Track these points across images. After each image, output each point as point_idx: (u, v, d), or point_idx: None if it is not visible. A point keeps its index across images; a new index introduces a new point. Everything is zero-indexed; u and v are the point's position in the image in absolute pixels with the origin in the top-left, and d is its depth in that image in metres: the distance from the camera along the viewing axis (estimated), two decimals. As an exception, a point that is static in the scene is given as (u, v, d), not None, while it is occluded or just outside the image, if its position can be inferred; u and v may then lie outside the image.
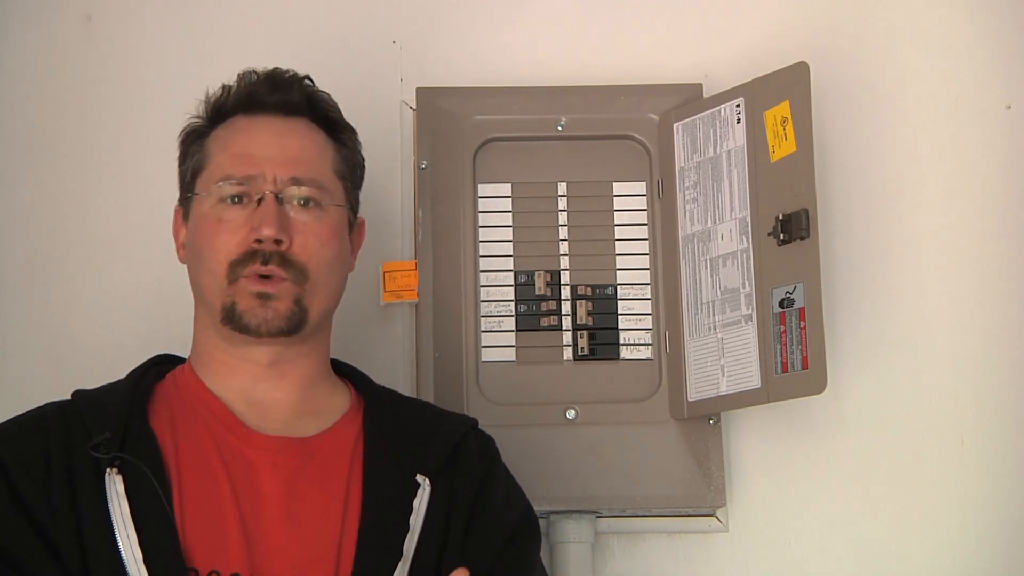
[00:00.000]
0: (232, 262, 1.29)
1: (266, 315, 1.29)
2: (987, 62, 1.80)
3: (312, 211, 1.32)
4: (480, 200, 1.69)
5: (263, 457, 1.27)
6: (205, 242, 1.31)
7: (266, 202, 1.30)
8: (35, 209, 1.74)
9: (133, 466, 1.21)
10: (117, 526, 1.18)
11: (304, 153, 1.34)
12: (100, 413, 1.26)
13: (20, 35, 1.77)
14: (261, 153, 1.33)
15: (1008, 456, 1.71)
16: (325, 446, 1.31)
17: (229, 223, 1.30)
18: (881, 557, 1.68)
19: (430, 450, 1.32)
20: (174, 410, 1.30)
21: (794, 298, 1.54)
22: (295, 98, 1.37)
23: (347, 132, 1.42)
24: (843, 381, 1.69)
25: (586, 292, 1.68)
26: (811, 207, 1.54)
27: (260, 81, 1.37)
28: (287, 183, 1.32)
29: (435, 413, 1.42)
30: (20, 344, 1.70)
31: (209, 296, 1.31)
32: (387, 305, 1.67)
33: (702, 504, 1.64)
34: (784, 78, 1.59)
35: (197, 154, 1.37)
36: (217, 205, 1.32)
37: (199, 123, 1.39)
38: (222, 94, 1.39)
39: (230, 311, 1.29)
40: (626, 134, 1.72)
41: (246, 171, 1.32)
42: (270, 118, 1.36)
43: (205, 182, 1.34)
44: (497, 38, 1.80)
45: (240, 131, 1.35)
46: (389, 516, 1.26)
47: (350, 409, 1.36)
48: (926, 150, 1.78)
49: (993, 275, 1.75)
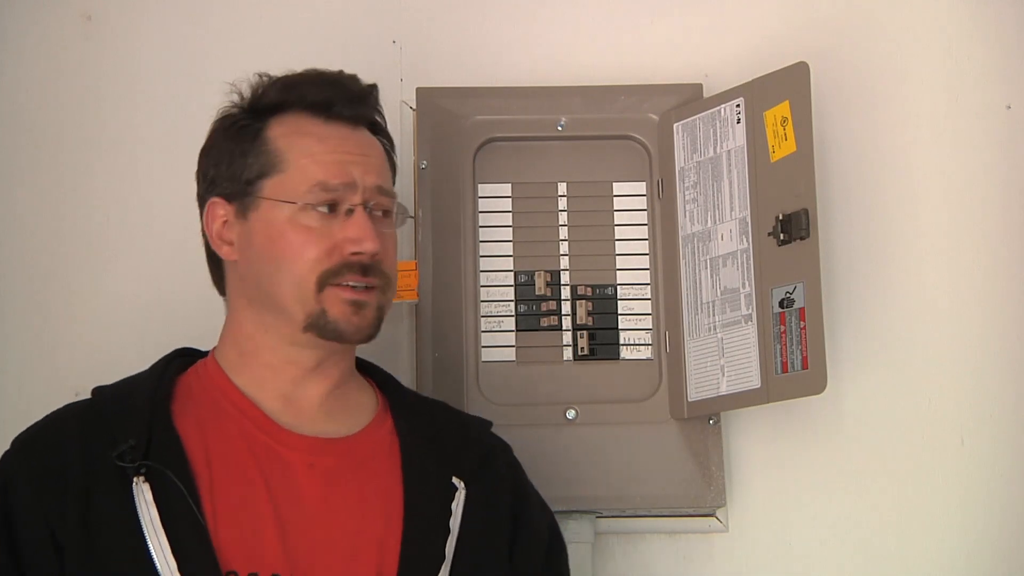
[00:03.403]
0: (325, 271, 1.28)
1: (360, 323, 1.29)
2: (987, 62, 1.80)
3: (390, 221, 1.35)
4: (480, 200, 1.69)
5: (299, 457, 1.27)
6: (291, 250, 1.29)
7: (361, 215, 1.30)
8: (34, 208, 1.74)
9: (159, 472, 1.20)
10: (148, 535, 1.18)
11: (382, 164, 1.36)
12: (123, 416, 1.24)
13: (20, 35, 1.77)
14: (349, 162, 1.31)
15: (1008, 456, 1.71)
16: (361, 446, 1.31)
17: (317, 231, 1.29)
18: (881, 557, 1.68)
19: (464, 453, 1.34)
20: (200, 408, 1.29)
21: (794, 298, 1.54)
22: (371, 115, 1.37)
23: (391, 141, 1.43)
24: (843, 381, 1.69)
25: (586, 292, 1.68)
26: (811, 207, 1.54)
27: (333, 86, 1.35)
28: (374, 193, 1.32)
29: (456, 415, 1.43)
30: (19, 344, 1.70)
31: (288, 303, 1.29)
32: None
33: (702, 504, 1.64)
34: (784, 78, 1.59)
35: (259, 154, 1.32)
36: (304, 212, 1.29)
37: (241, 115, 1.35)
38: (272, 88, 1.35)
39: (320, 319, 1.28)
40: (626, 134, 1.72)
41: (341, 180, 1.30)
42: (344, 126, 1.34)
43: (284, 186, 1.30)
44: (497, 38, 1.80)
45: (320, 138, 1.32)
46: (430, 519, 1.27)
47: (379, 410, 1.36)
48: (926, 150, 1.78)
49: (993, 275, 1.75)
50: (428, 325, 1.64)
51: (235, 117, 1.35)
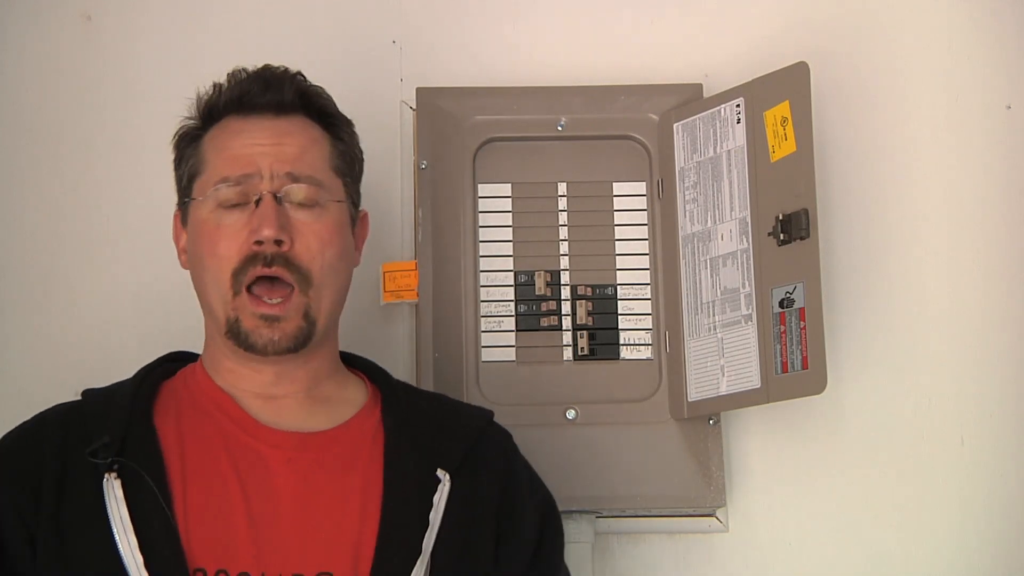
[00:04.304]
0: (234, 270, 1.27)
1: (272, 336, 1.27)
2: (987, 62, 1.80)
3: (312, 210, 1.30)
4: (480, 200, 1.69)
5: (276, 453, 1.26)
6: (206, 249, 1.29)
7: (264, 202, 1.27)
8: (34, 208, 1.74)
9: (132, 470, 1.20)
10: (117, 531, 1.18)
11: (300, 150, 1.32)
12: (102, 416, 1.25)
13: (20, 35, 1.77)
14: (256, 153, 1.30)
15: (1008, 456, 1.71)
16: (342, 440, 1.29)
17: (228, 228, 1.28)
18: (881, 557, 1.68)
19: (450, 445, 1.30)
20: (181, 408, 1.29)
21: (794, 298, 1.54)
22: (288, 96, 1.34)
23: (343, 125, 1.39)
24: (843, 381, 1.69)
25: (586, 292, 1.68)
26: (811, 207, 1.54)
27: (251, 80, 1.34)
28: (285, 181, 1.29)
29: (452, 406, 1.40)
30: (19, 345, 1.70)
31: (213, 306, 1.30)
32: (387, 305, 1.67)
33: (702, 504, 1.64)
34: (784, 78, 1.59)
35: (192, 158, 1.35)
36: (216, 210, 1.29)
37: (192, 124, 1.37)
38: (213, 94, 1.36)
39: (234, 327, 1.28)
40: (626, 134, 1.72)
41: (242, 171, 1.29)
42: (264, 118, 1.33)
43: (202, 186, 1.32)
44: (497, 38, 1.79)
45: (234, 133, 1.33)
46: (409, 512, 1.25)
47: (367, 403, 1.35)
48: (926, 150, 1.78)
49: (993, 275, 1.75)
50: (428, 325, 1.64)
51: (185, 127, 1.38)
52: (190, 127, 1.37)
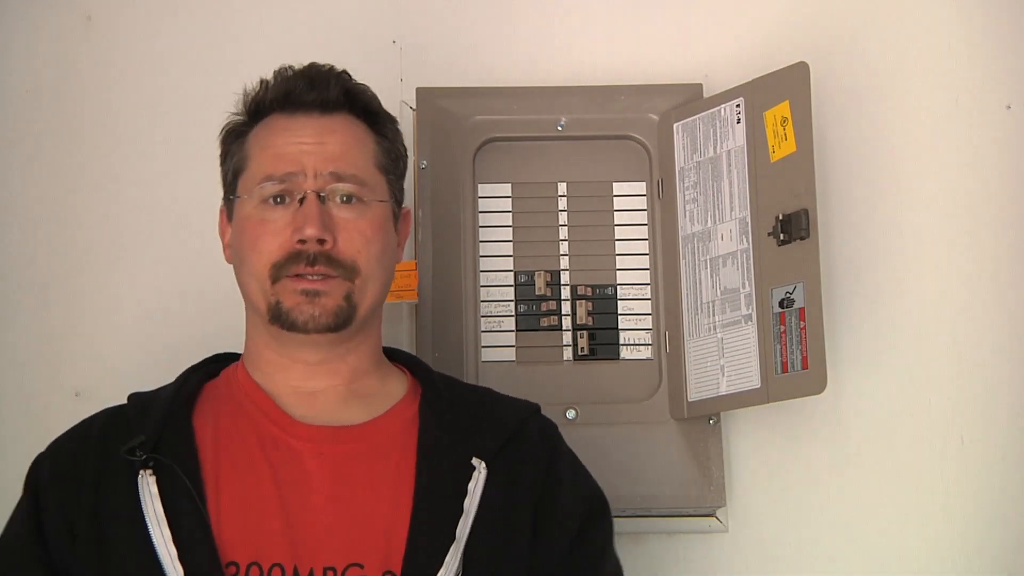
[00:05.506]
0: (275, 264, 1.28)
1: (313, 311, 1.28)
2: (987, 62, 1.80)
3: (355, 207, 1.31)
4: (480, 200, 1.70)
5: (308, 446, 1.27)
6: (248, 245, 1.31)
7: (308, 201, 1.29)
8: (35, 208, 1.73)
9: (167, 466, 1.23)
10: (151, 525, 1.20)
11: (344, 149, 1.33)
12: (141, 416, 1.28)
13: (20, 35, 1.77)
14: (300, 151, 1.31)
15: (1008, 456, 1.71)
16: (376, 432, 1.30)
17: (272, 224, 1.29)
18: (881, 557, 1.68)
19: (488, 434, 1.30)
20: (219, 406, 1.31)
21: (794, 298, 1.54)
22: (333, 94, 1.35)
23: (388, 123, 1.40)
24: (843, 381, 1.69)
25: (586, 292, 1.68)
26: (811, 207, 1.54)
27: (297, 77, 1.35)
28: (328, 180, 1.30)
29: (494, 398, 1.40)
30: (20, 345, 1.70)
31: (254, 298, 1.31)
32: (387, 305, 1.67)
33: (702, 504, 1.64)
34: (784, 78, 1.59)
35: (238, 154, 1.36)
36: (259, 206, 1.31)
37: (239, 120, 1.38)
38: (260, 90, 1.37)
39: (276, 309, 1.29)
40: (626, 134, 1.72)
41: (286, 169, 1.30)
42: (309, 115, 1.34)
43: (246, 183, 1.33)
44: (497, 38, 1.79)
45: (279, 130, 1.34)
46: (442, 500, 1.25)
47: (406, 395, 1.35)
48: (926, 150, 1.78)
49: (993, 275, 1.75)
50: (428, 325, 1.64)
51: (232, 123, 1.38)
52: (236, 123, 1.38)
